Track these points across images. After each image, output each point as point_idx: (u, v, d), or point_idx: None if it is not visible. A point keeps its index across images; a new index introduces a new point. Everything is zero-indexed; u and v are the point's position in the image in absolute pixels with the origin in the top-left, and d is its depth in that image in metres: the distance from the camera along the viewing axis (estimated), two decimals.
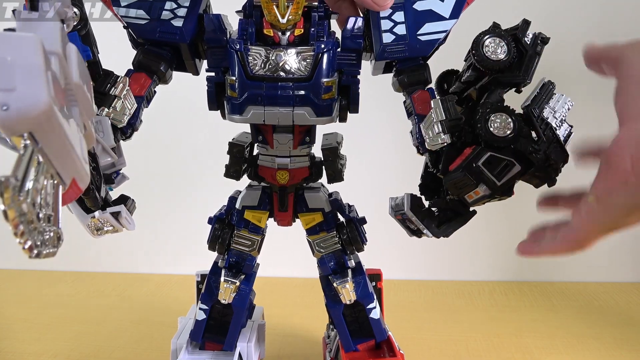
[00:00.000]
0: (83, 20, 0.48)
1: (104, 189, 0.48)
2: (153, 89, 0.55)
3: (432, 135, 0.49)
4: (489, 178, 0.46)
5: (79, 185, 0.29)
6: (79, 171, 0.28)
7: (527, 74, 0.48)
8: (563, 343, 0.85)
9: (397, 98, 0.56)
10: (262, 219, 0.59)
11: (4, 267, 1.21)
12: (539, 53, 0.49)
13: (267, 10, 0.47)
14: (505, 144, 0.46)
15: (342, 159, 0.59)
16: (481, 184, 0.47)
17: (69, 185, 0.28)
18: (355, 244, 0.59)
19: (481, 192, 0.48)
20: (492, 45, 0.47)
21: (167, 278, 1.16)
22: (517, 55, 0.48)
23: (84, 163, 0.29)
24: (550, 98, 0.49)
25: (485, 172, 0.46)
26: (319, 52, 0.48)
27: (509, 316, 0.95)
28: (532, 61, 0.48)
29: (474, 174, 0.47)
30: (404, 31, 0.51)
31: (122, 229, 0.51)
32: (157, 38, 0.52)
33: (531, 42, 0.48)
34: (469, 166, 0.47)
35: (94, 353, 0.83)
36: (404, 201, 0.54)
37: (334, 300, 0.59)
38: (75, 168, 0.27)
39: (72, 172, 0.27)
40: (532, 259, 1.14)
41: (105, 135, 0.49)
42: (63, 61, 0.26)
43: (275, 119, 0.50)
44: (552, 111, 0.48)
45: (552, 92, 0.50)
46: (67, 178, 0.27)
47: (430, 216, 0.53)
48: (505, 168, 0.46)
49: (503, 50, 0.47)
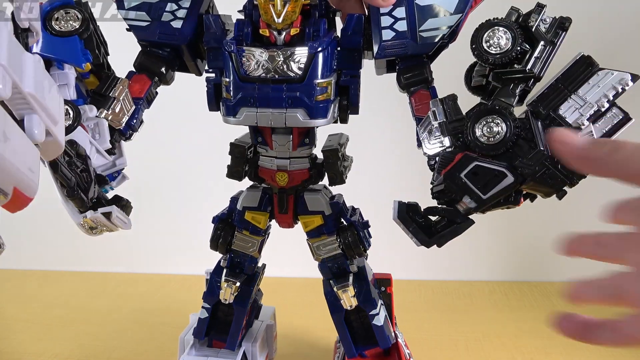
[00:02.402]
0: (85, 23, 0.48)
1: (95, 190, 0.48)
2: (154, 90, 0.55)
3: (430, 138, 0.46)
4: (473, 191, 0.42)
5: (24, 194, 0.29)
6: (20, 181, 0.28)
7: (535, 67, 0.42)
8: (563, 343, 0.85)
9: (404, 97, 0.54)
10: (262, 220, 0.58)
11: (4, 267, 1.21)
12: (555, 42, 0.43)
13: (264, 10, 0.46)
14: (491, 152, 0.41)
15: (346, 161, 0.58)
16: (465, 195, 0.43)
17: (12, 195, 0.28)
18: (355, 249, 0.57)
19: (467, 204, 0.44)
20: (493, 37, 0.43)
21: (167, 278, 1.16)
22: (529, 46, 0.42)
23: (29, 172, 0.29)
24: (584, 83, 0.40)
25: (469, 184, 0.42)
26: (312, 52, 0.47)
27: (509, 316, 0.95)
28: (542, 53, 0.42)
29: (455, 185, 0.43)
30: (405, 27, 0.49)
31: (116, 229, 0.51)
32: (156, 40, 0.52)
33: (547, 30, 0.42)
34: (451, 176, 0.43)
35: (94, 353, 0.83)
36: (393, 209, 0.51)
37: (335, 305, 0.59)
38: (14, 178, 0.27)
39: (12, 182, 0.27)
40: (532, 259, 1.14)
41: (102, 137, 0.50)
42: (9, 71, 0.26)
43: (267, 121, 0.49)
44: (578, 103, 0.40)
45: (589, 73, 0.40)
46: (7, 188, 0.27)
47: (420, 225, 0.49)
48: (494, 179, 0.42)
49: (505, 42, 0.43)
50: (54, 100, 0.31)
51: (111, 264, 1.20)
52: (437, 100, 0.47)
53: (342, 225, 0.59)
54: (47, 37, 0.48)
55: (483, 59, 0.44)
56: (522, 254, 1.15)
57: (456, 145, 0.45)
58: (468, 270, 1.15)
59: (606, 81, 0.40)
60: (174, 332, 0.67)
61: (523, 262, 1.14)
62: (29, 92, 0.28)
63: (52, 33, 0.48)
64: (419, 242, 0.49)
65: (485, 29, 0.44)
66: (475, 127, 0.42)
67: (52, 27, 0.48)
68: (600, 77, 0.40)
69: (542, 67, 0.44)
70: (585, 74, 0.41)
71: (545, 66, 0.44)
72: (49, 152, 0.33)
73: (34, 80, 0.28)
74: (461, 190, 0.43)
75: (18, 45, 0.28)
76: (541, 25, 0.43)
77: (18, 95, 0.27)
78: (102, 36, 0.53)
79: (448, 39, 0.49)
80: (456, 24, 0.48)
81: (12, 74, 0.26)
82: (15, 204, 0.29)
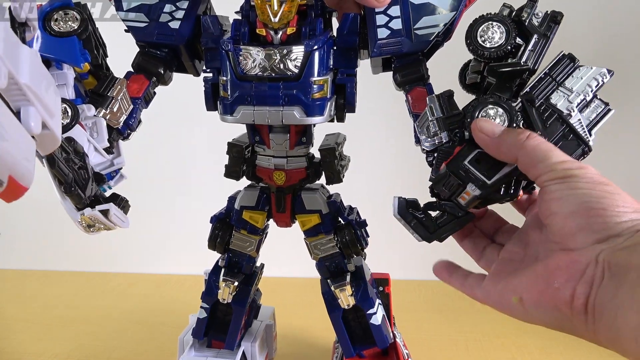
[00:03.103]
0: (84, 24, 0.49)
1: (93, 188, 0.48)
2: (152, 90, 0.55)
3: (428, 134, 0.47)
4: (477, 177, 0.43)
5: (20, 183, 0.29)
6: (16, 169, 0.28)
7: (529, 60, 0.43)
8: (563, 343, 0.85)
9: (400, 96, 0.54)
10: (260, 219, 0.59)
11: (4, 267, 1.21)
12: (548, 35, 0.44)
13: (261, 10, 0.46)
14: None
15: (343, 160, 0.58)
16: (470, 183, 0.44)
17: (7, 184, 0.28)
18: (353, 248, 0.57)
19: (472, 193, 0.45)
20: (487, 31, 0.44)
21: (167, 278, 1.16)
22: (523, 40, 0.43)
23: (25, 161, 0.29)
24: (569, 76, 0.44)
25: (473, 170, 0.43)
26: (308, 50, 0.48)
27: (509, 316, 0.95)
28: (536, 46, 0.44)
29: (460, 173, 0.44)
30: (400, 26, 0.49)
31: (113, 227, 0.51)
32: (154, 40, 0.52)
33: (540, 23, 0.44)
34: (455, 165, 0.44)
35: (94, 353, 0.83)
36: (393, 205, 0.51)
37: (332, 304, 0.59)
38: (8, 166, 0.27)
39: (7, 170, 0.28)
40: None
41: (100, 135, 0.50)
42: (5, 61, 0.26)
43: (264, 119, 0.49)
44: (566, 94, 0.43)
45: (572, 68, 0.44)
46: (2, 176, 0.28)
47: (420, 220, 0.49)
48: (497, 165, 0.43)
49: (499, 36, 0.44)
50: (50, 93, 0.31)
51: (111, 264, 1.20)
52: (434, 97, 0.48)
53: (339, 224, 0.59)
54: (46, 38, 0.48)
55: (478, 54, 0.45)
56: None
57: (454, 140, 0.46)
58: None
59: (588, 74, 0.44)
60: (173, 332, 0.67)
61: None
62: (25, 83, 0.28)
63: (51, 33, 0.48)
64: (420, 237, 0.49)
65: (479, 23, 0.45)
66: (477, 118, 0.43)
67: (51, 28, 0.48)
68: (582, 71, 0.44)
69: (537, 60, 0.44)
70: (569, 69, 0.45)
71: (540, 59, 0.45)
72: (46, 146, 0.33)
73: (30, 71, 0.28)
74: (466, 178, 0.44)
75: (14, 37, 0.29)
76: (534, 19, 0.44)
77: (14, 86, 0.28)
78: (100, 37, 0.54)
79: (443, 37, 0.50)
80: (450, 21, 0.48)
81: (8, 65, 0.26)
82: (11, 193, 0.29)
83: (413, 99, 0.51)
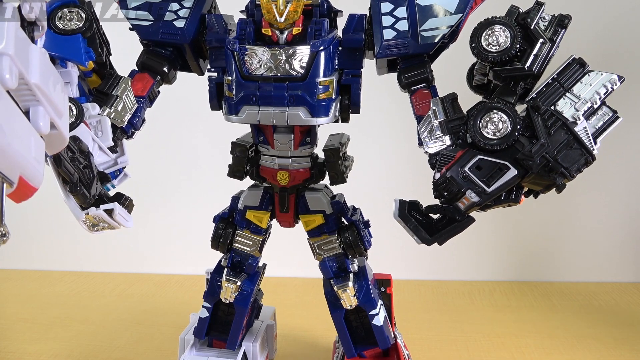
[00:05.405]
0: (88, 22, 0.49)
1: (97, 187, 0.48)
2: (156, 89, 0.55)
3: (431, 137, 0.47)
4: (476, 184, 0.43)
5: (30, 184, 0.29)
6: (27, 170, 0.28)
7: (533, 65, 0.43)
8: (563, 343, 0.85)
9: (405, 97, 0.54)
10: (264, 219, 0.59)
11: (4, 267, 1.21)
12: (554, 40, 0.43)
13: (266, 10, 0.46)
14: (495, 147, 0.42)
15: (347, 160, 0.58)
16: (469, 190, 0.44)
17: (18, 184, 0.28)
18: (356, 248, 0.57)
19: (471, 199, 0.44)
20: (492, 35, 0.44)
21: (167, 278, 1.16)
22: (527, 44, 0.43)
23: (35, 162, 0.29)
24: (577, 82, 0.43)
25: (472, 177, 0.43)
26: (314, 50, 0.48)
27: (509, 316, 0.95)
28: (541, 50, 0.43)
29: (459, 180, 0.43)
30: (406, 27, 0.49)
31: (117, 226, 0.51)
32: (159, 39, 0.52)
33: (546, 27, 0.43)
34: (455, 170, 0.44)
35: (94, 353, 0.83)
36: (393, 207, 0.51)
37: (334, 305, 0.59)
38: (19, 166, 0.27)
39: (18, 170, 0.27)
40: (532, 259, 1.15)
41: (104, 134, 0.50)
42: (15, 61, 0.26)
43: (269, 119, 0.49)
44: (573, 101, 0.42)
45: (582, 73, 0.43)
46: (13, 176, 0.27)
47: (420, 223, 0.49)
48: (498, 172, 0.43)
49: (504, 40, 0.43)
50: (58, 93, 0.31)
51: (111, 264, 1.20)
52: (438, 99, 0.48)
53: (342, 224, 0.59)
54: (50, 36, 0.48)
55: (482, 58, 0.45)
56: (522, 254, 1.16)
57: (457, 143, 0.46)
58: (468, 270, 1.16)
59: (597, 80, 0.43)
60: (174, 332, 0.67)
61: (523, 262, 1.15)
62: (35, 82, 0.28)
63: (55, 31, 0.48)
64: (420, 240, 0.49)
65: (484, 27, 0.45)
66: (479, 123, 0.43)
67: (56, 26, 0.48)
68: (592, 77, 0.43)
69: (541, 65, 0.44)
70: (578, 74, 0.44)
71: (545, 64, 0.44)
72: (54, 145, 0.33)
73: (39, 71, 0.28)
74: (465, 184, 0.43)
75: (24, 36, 0.28)
76: (540, 23, 0.44)
77: (24, 86, 0.27)
78: (104, 36, 0.53)
79: (449, 39, 0.50)
80: (457, 23, 0.48)
81: (18, 64, 0.26)
82: (21, 194, 0.29)
83: (417, 101, 0.51)
